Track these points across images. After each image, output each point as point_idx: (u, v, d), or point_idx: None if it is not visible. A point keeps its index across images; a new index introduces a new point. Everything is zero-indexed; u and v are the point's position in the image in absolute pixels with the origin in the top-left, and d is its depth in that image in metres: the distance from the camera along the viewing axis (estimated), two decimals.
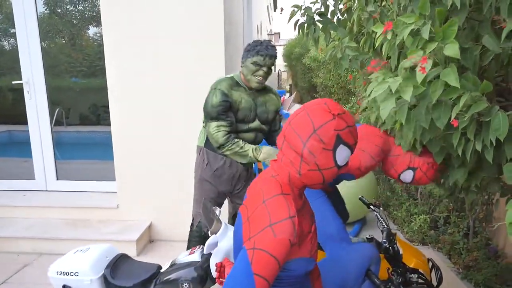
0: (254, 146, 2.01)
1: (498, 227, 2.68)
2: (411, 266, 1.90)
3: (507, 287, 2.34)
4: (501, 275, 2.37)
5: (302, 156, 0.97)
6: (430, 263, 2.00)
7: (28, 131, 3.39)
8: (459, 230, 2.86)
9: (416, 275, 1.93)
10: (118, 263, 1.75)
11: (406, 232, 3.12)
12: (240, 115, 2.02)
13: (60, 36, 3.33)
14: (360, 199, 2.14)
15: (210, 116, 1.96)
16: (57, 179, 3.40)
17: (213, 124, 1.96)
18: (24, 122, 3.41)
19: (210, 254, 1.67)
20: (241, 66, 2.06)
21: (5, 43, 3.40)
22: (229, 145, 1.96)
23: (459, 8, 1.12)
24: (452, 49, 0.99)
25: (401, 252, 1.91)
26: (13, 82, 3.28)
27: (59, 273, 1.65)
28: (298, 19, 2.18)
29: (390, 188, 3.83)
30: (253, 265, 0.88)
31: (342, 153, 0.99)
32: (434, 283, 2.02)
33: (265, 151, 2.00)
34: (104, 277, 1.67)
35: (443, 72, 1.05)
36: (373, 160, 1.60)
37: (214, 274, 1.47)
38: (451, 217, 2.99)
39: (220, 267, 1.27)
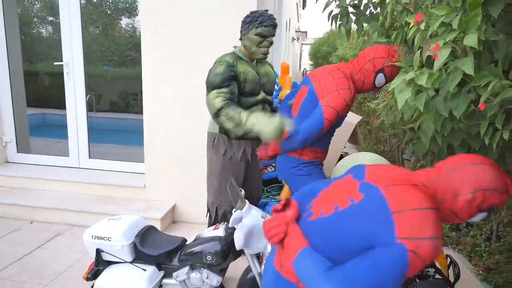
0: (248, 112, 1.87)
1: None
2: None
3: None
4: None
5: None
6: (448, 259, 2.00)
7: (60, 114, 3.59)
8: (481, 233, 2.82)
9: (433, 269, 1.93)
10: (146, 233, 1.87)
11: None
12: (248, 87, 2.02)
13: (95, 25, 3.49)
14: None
15: (212, 85, 1.91)
16: (89, 157, 3.58)
17: (214, 91, 1.91)
18: (57, 106, 3.61)
19: (233, 229, 1.75)
20: (242, 39, 2.05)
21: (42, 30, 3.59)
22: (226, 109, 1.87)
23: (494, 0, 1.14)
24: (471, 39, 1.01)
25: None
26: (55, 63, 3.47)
27: (93, 237, 1.78)
28: (332, 10, 2.22)
29: None
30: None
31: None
32: (452, 279, 2.02)
33: (254, 116, 1.80)
34: (133, 244, 1.79)
35: (461, 61, 1.07)
36: None
37: (238, 247, 1.55)
38: None
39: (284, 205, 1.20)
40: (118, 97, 3.62)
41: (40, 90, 3.71)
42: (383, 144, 4.99)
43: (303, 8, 20.17)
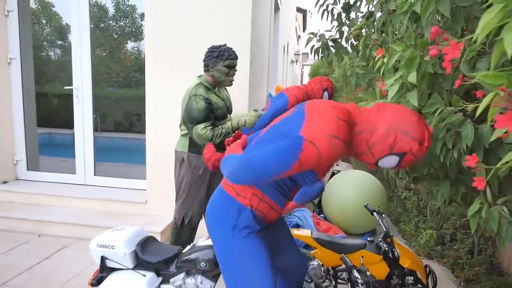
0: (228, 122, 2.32)
1: None
2: (406, 266, 2.06)
3: None
4: None
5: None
6: (427, 269, 2.16)
7: (65, 134, 3.84)
8: (464, 246, 2.97)
9: (412, 278, 2.09)
10: (146, 243, 2.05)
11: (413, 246, 3.25)
12: (219, 114, 2.33)
13: (102, 49, 3.78)
14: (365, 206, 2.34)
15: (197, 120, 2.21)
16: (95, 175, 3.80)
17: (200, 126, 2.22)
18: (62, 126, 3.87)
19: None
20: (209, 71, 2.33)
21: (51, 53, 3.88)
22: (216, 134, 2.25)
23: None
24: (412, 77, 1.24)
25: (398, 254, 2.08)
26: (65, 87, 3.75)
27: (98, 246, 1.97)
28: (314, 45, 2.48)
29: (402, 205, 3.96)
30: (301, 154, 1.10)
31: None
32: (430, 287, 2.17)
33: (233, 117, 2.34)
34: (135, 253, 1.97)
35: (408, 95, 1.30)
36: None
37: None
38: (457, 234, 3.11)
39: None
40: (122, 118, 3.87)
41: (47, 111, 3.97)
42: None
43: (304, 31, 20.80)
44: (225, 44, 2.36)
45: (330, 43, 2.39)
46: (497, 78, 0.77)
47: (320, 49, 2.38)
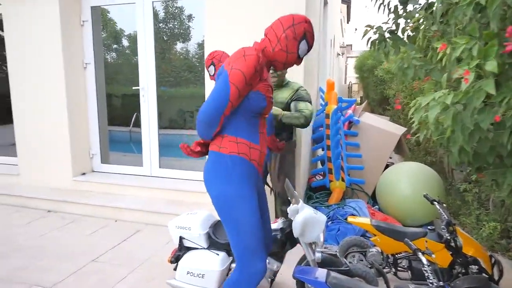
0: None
1: None
2: (470, 254, 2.07)
3: None
4: None
5: (279, 38, 1.57)
6: (493, 259, 2.14)
7: (123, 131, 4.22)
8: None
9: (476, 267, 2.09)
10: (218, 225, 2.27)
11: (475, 238, 3.18)
12: None
13: (155, 51, 4.05)
14: (424, 196, 2.37)
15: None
16: (160, 167, 4.15)
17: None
18: (121, 123, 4.24)
19: (290, 222, 2.10)
20: None
21: (108, 56, 4.26)
22: None
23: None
24: (491, 66, 1.29)
25: (461, 243, 2.10)
26: (133, 88, 4.13)
27: (177, 227, 2.22)
28: (370, 37, 2.54)
29: (461, 198, 3.85)
30: (230, 77, 1.49)
31: (303, 46, 1.60)
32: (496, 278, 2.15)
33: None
34: (208, 234, 2.20)
35: (484, 82, 1.34)
36: None
37: (296, 234, 1.89)
38: None
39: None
40: (176, 115, 4.15)
41: (109, 110, 4.37)
42: (432, 155, 5.04)
43: (347, 23, 20.28)
44: None
45: (387, 35, 2.43)
46: None
47: (377, 41, 2.43)
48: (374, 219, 3.22)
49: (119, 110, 4.32)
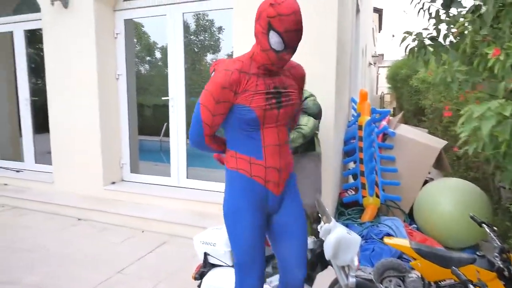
0: None
1: None
2: None
3: None
4: None
5: (256, 37, 1.41)
6: None
7: (154, 141, 4.23)
8: None
9: None
10: None
11: None
12: None
13: (185, 62, 4.08)
14: (471, 217, 2.15)
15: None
16: (187, 177, 4.13)
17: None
18: (152, 133, 4.27)
19: (322, 242, 1.95)
20: None
21: (141, 68, 4.34)
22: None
23: None
24: None
25: None
26: (163, 98, 4.16)
27: (202, 242, 2.14)
28: (409, 44, 2.38)
29: (510, 219, 3.51)
30: (200, 98, 1.46)
31: (272, 38, 1.34)
32: None
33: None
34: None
35: None
36: None
37: (328, 257, 1.74)
38: None
39: None
40: None
41: (139, 120, 4.43)
42: (474, 170, 4.68)
43: (379, 32, 19.86)
44: None
45: (427, 42, 2.26)
46: None
47: (416, 48, 2.26)
48: (412, 239, 2.99)
49: (151, 120, 4.38)
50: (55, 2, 4.09)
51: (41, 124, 4.79)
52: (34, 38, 4.34)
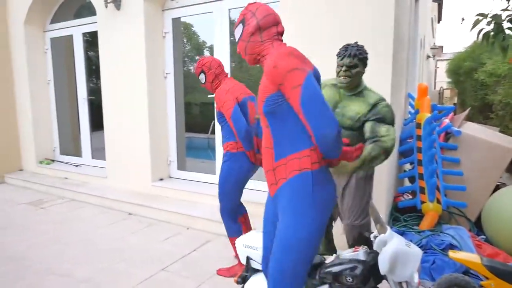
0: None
1: None
2: None
3: None
4: None
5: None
6: None
7: (202, 138, 4.23)
8: None
9: None
10: None
11: None
12: None
13: (231, 60, 4.02)
14: None
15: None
16: None
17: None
18: (199, 131, 4.27)
19: (376, 253, 1.75)
20: None
21: (191, 67, 4.35)
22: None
23: None
24: None
25: None
26: (208, 96, 4.14)
27: (244, 246, 2.04)
28: (482, 28, 2.06)
29: None
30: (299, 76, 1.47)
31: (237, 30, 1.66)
32: None
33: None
34: None
35: None
36: None
37: (383, 271, 1.55)
38: None
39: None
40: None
41: (188, 118, 4.48)
42: None
43: (438, 22, 18.43)
44: (356, 42, 2.20)
45: (506, 25, 1.93)
46: None
47: (491, 33, 1.95)
48: (480, 252, 2.63)
49: (198, 118, 4.41)
50: (108, 4, 4.25)
51: (98, 121, 5.05)
52: (95, 41, 4.58)
